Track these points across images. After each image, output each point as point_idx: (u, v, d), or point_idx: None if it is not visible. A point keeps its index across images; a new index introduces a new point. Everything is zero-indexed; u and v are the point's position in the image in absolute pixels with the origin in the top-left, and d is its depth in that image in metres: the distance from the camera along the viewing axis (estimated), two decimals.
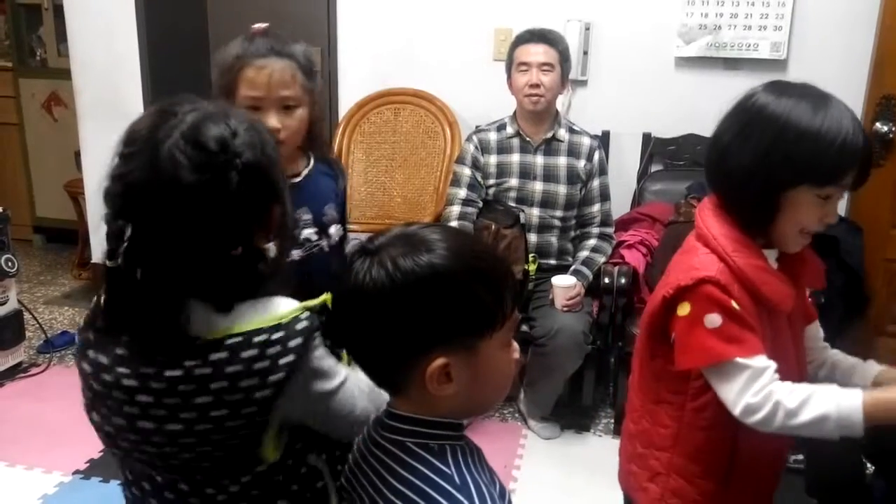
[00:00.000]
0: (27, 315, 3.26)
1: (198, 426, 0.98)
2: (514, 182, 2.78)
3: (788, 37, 2.98)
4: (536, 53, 2.66)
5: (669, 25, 3.09)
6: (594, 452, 2.71)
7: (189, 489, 1.05)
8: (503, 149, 2.80)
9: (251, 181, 0.97)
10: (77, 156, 3.87)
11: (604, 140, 3.12)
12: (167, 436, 0.99)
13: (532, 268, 2.72)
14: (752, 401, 1.16)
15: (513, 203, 2.77)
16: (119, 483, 1.17)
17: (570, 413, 2.89)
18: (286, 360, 0.98)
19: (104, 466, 2.48)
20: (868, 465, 1.79)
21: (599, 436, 2.83)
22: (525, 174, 2.78)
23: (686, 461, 1.31)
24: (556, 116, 2.81)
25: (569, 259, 2.83)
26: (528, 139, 2.78)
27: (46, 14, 4.47)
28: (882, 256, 2.93)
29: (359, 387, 1.06)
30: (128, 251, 0.95)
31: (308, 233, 1.60)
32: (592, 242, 2.82)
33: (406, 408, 0.94)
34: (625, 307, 2.69)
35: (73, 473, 2.49)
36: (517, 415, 2.93)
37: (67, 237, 4.58)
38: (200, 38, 3.93)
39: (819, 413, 1.14)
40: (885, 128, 2.86)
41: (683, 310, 1.21)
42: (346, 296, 0.91)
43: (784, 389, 1.16)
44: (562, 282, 2.64)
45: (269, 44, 1.53)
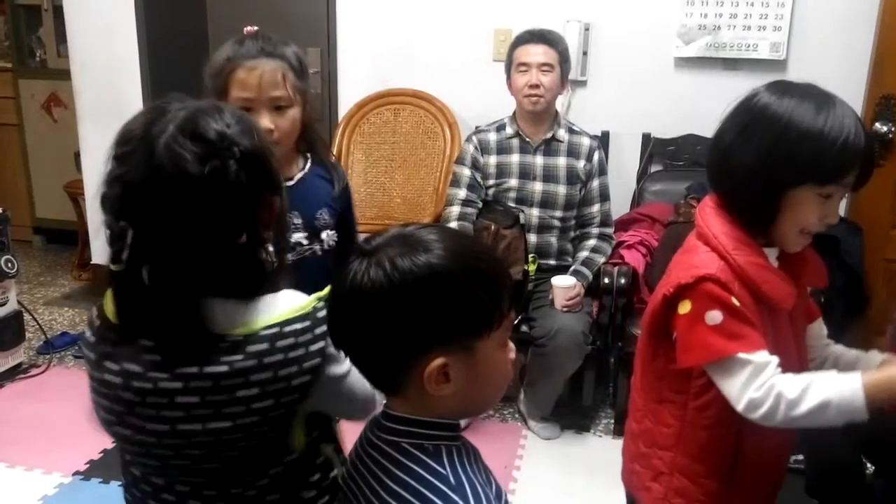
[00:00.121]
0: (27, 316, 3.25)
1: (242, 420, 0.99)
2: (514, 182, 2.78)
3: (788, 37, 2.98)
4: (536, 54, 2.66)
5: (669, 26, 3.09)
6: (594, 453, 2.71)
7: (216, 493, 1.05)
8: (503, 149, 2.80)
9: (250, 169, 0.97)
10: (77, 156, 3.88)
11: (603, 140, 3.12)
12: (212, 434, 0.99)
13: (532, 268, 2.72)
14: (755, 395, 1.16)
15: (512, 203, 2.77)
16: (119, 484, 1.17)
17: (570, 413, 2.89)
18: (317, 347, 1.01)
19: (104, 467, 2.48)
20: (868, 465, 1.79)
21: (599, 436, 2.83)
22: (525, 174, 2.78)
23: (689, 460, 1.31)
24: (556, 117, 2.81)
25: (568, 259, 2.83)
26: (528, 139, 2.78)
27: (46, 15, 4.47)
28: (882, 256, 2.94)
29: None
30: (132, 253, 0.95)
31: (298, 237, 1.59)
32: (592, 243, 2.82)
33: (403, 408, 0.94)
34: (624, 307, 2.69)
35: (73, 474, 2.49)
36: (517, 415, 2.93)
37: (67, 238, 4.58)
38: (200, 39, 3.93)
39: (820, 399, 1.13)
40: (885, 128, 2.86)
41: (684, 308, 1.21)
42: (344, 297, 0.91)
43: (784, 381, 1.16)
44: (561, 282, 2.64)
45: (260, 45, 1.53)
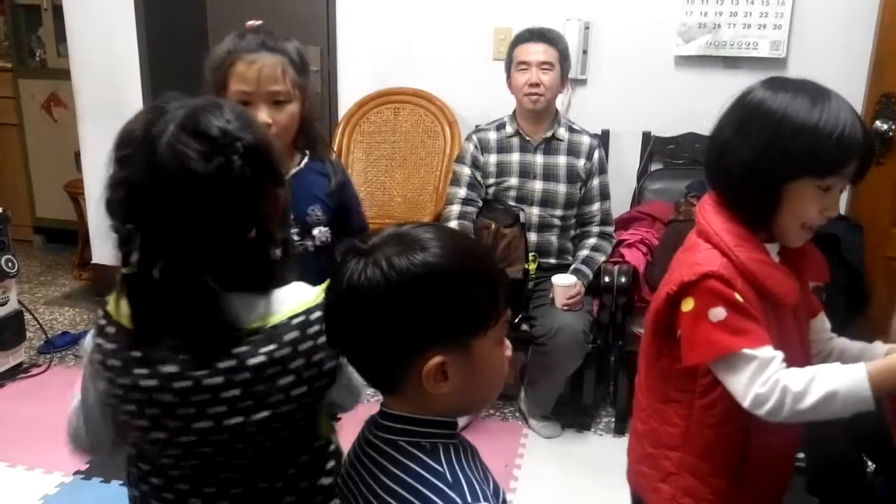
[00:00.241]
0: (27, 315, 3.26)
1: (281, 408, 1.00)
2: (514, 181, 2.78)
3: (788, 35, 2.98)
4: (536, 52, 2.66)
5: (669, 24, 3.09)
6: (595, 451, 2.71)
7: (242, 490, 1.05)
8: (503, 148, 2.80)
9: (254, 163, 0.97)
10: (77, 156, 3.87)
11: (603, 139, 3.12)
12: (254, 425, 0.99)
13: (532, 267, 2.72)
14: (761, 391, 1.15)
15: (512, 202, 2.77)
16: (121, 483, 1.17)
17: (571, 412, 2.89)
18: None
19: (105, 467, 2.47)
20: (868, 463, 1.79)
21: (600, 435, 2.83)
22: (525, 173, 2.78)
23: (697, 459, 1.30)
24: (556, 115, 2.81)
25: (569, 258, 2.83)
26: (528, 138, 2.78)
27: (46, 14, 4.47)
28: (882, 254, 2.93)
29: None
30: (143, 254, 0.95)
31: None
32: (592, 241, 2.82)
33: (400, 407, 0.94)
34: (625, 306, 2.69)
35: (74, 474, 2.49)
36: (518, 414, 2.93)
37: (67, 237, 4.58)
38: (200, 38, 3.93)
39: (826, 391, 1.13)
40: (885, 126, 2.86)
41: (687, 305, 1.21)
42: (341, 297, 0.91)
43: (789, 374, 1.15)
44: (562, 281, 2.64)
45: (261, 39, 1.53)
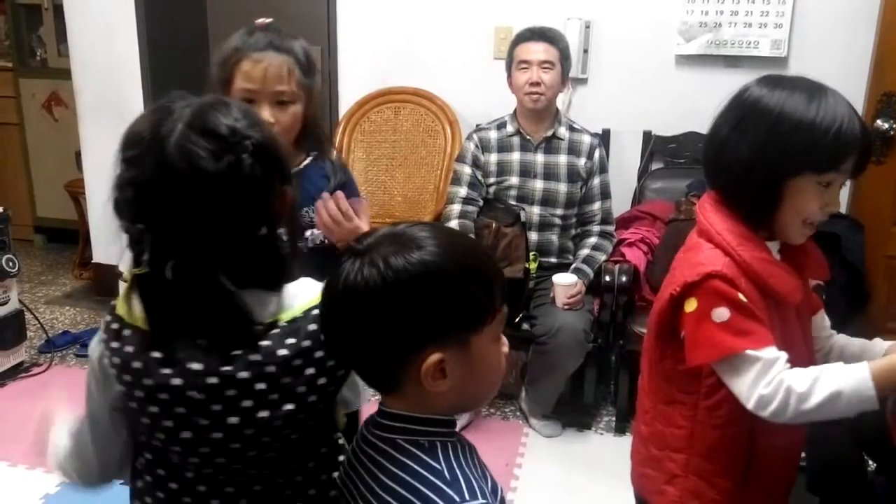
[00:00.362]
0: (28, 315, 3.26)
1: (306, 400, 1.00)
2: (515, 180, 2.78)
3: (789, 34, 2.98)
4: (537, 51, 2.66)
5: (670, 23, 3.09)
6: (596, 450, 2.71)
7: (262, 488, 1.05)
8: (503, 147, 2.80)
9: (263, 160, 0.96)
10: (77, 156, 3.87)
11: (604, 138, 3.12)
12: (281, 418, 0.99)
13: (533, 266, 2.72)
14: (765, 392, 1.15)
15: (513, 201, 2.76)
16: (121, 483, 1.17)
17: (572, 411, 2.89)
18: None
19: None
20: (869, 462, 1.79)
21: (601, 434, 2.83)
22: (525, 172, 2.78)
23: (703, 461, 1.29)
24: (557, 114, 2.81)
25: (569, 257, 2.83)
26: (529, 137, 2.78)
27: (46, 14, 4.47)
28: (883, 253, 2.94)
29: None
30: (154, 254, 0.94)
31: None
32: (593, 240, 2.82)
33: (399, 406, 0.94)
34: (626, 305, 2.69)
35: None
36: (518, 413, 2.93)
37: (68, 237, 4.58)
38: (201, 38, 3.93)
39: (830, 391, 1.12)
40: (886, 125, 2.86)
41: (690, 306, 1.20)
42: (338, 297, 0.91)
43: (793, 375, 1.15)
44: (563, 280, 2.64)
45: (269, 38, 1.52)
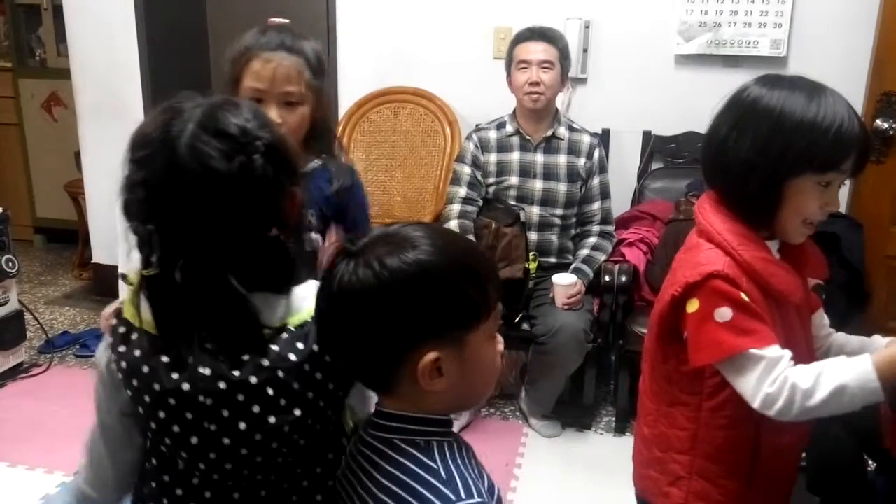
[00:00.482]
0: (28, 315, 3.26)
1: (314, 404, 0.99)
2: (514, 180, 2.78)
3: (788, 34, 2.98)
4: (536, 51, 2.66)
5: (669, 23, 3.09)
6: (595, 450, 2.71)
7: (267, 494, 1.03)
8: (503, 147, 2.79)
9: (274, 161, 0.96)
10: (77, 156, 3.87)
11: (604, 138, 3.12)
12: (292, 424, 0.98)
13: (532, 266, 2.72)
14: (770, 390, 1.14)
15: (513, 201, 2.76)
16: None
17: (572, 411, 2.89)
18: None
19: None
20: (869, 462, 1.79)
21: (601, 434, 2.83)
22: (525, 172, 2.77)
23: (707, 462, 1.29)
24: (556, 114, 2.81)
25: (569, 257, 2.83)
26: (528, 137, 2.78)
27: (46, 14, 4.47)
28: (883, 253, 2.94)
29: None
30: (164, 255, 0.94)
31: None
32: (593, 240, 2.82)
33: (395, 406, 0.95)
34: (625, 305, 2.69)
35: (75, 473, 2.47)
36: (518, 413, 2.93)
37: (68, 237, 4.58)
38: (200, 38, 3.93)
39: (835, 385, 1.12)
40: (886, 125, 2.86)
41: (692, 306, 1.20)
42: (333, 299, 0.91)
43: (796, 372, 1.15)
44: (562, 280, 2.63)
45: (281, 38, 1.52)
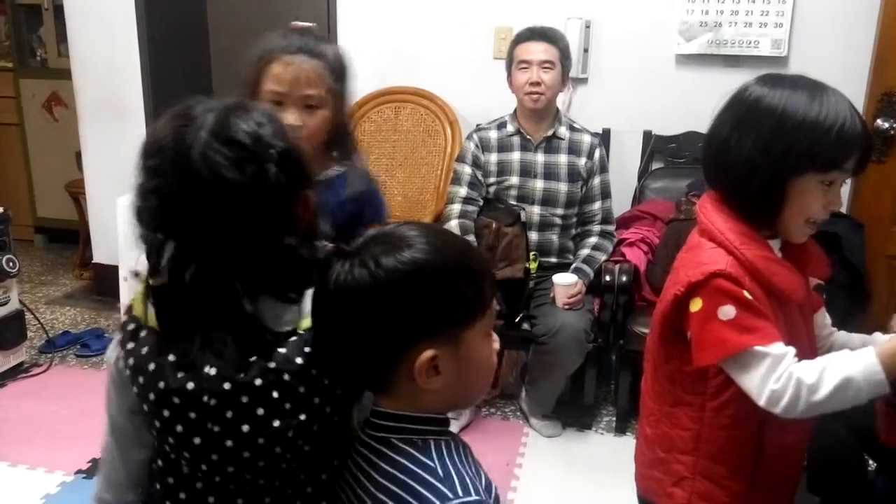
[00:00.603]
0: (28, 315, 3.26)
1: (321, 409, 0.98)
2: (515, 180, 2.78)
3: (789, 34, 2.98)
4: (537, 51, 2.66)
5: (670, 23, 3.09)
6: (596, 450, 2.71)
7: (271, 500, 1.02)
8: (504, 147, 2.79)
9: (288, 168, 0.95)
10: (78, 156, 3.87)
11: (604, 138, 3.12)
12: (297, 429, 0.96)
13: (533, 266, 2.72)
14: (776, 387, 1.14)
15: (513, 201, 2.76)
16: None
17: (572, 411, 2.89)
18: None
19: None
20: (869, 462, 1.79)
21: (601, 434, 2.83)
22: (526, 172, 2.77)
23: (711, 462, 1.29)
24: (557, 114, 2.81)
25: (570, 257, 2.83)
26: (529, 137, 2.78)
27: (46, 14, 4.47)
28: (884, 253, 2.93)
29: None
30: (174, 264, 0.93)
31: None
32: (593, 240, 2.82)
33: (392, 405, 0.95)
34: (626, 305, 2.69)
35: (76, 473, 2.49)
36: (519, 413, 2.93)
37: (68, 237, 4.58)
38: (201, 38, 3.93)
39: (840, 379, 1.12)
40: (886, 124, 2.85)
41: (696, 305, 1.20)
42: (329, 299, 0.91)
43: (801, 367, 1.15)
44: (563, 280, 2.63)
45: (302, 41, 1.51)
